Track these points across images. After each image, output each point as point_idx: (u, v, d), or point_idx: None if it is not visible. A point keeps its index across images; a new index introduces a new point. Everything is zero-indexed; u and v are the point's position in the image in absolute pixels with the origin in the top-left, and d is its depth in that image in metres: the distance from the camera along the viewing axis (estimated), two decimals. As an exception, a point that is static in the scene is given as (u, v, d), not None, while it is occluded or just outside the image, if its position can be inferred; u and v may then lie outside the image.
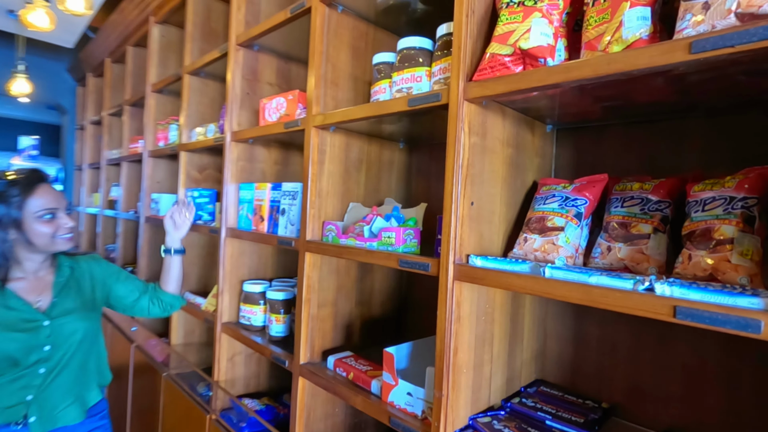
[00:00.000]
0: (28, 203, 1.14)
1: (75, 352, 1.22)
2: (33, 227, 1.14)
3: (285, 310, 1.43)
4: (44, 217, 1.16)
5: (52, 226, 1.18)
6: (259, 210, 1.50)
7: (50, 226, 1.17)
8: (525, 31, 0.76)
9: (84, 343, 1.25)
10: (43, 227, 1.15)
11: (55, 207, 1.18)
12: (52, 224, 1.18)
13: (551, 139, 1.11)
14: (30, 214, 1.14)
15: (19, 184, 1.13)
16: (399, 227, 1.05)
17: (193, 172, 2.03)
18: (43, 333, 1.17)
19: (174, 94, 2.43)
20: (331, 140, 1.26)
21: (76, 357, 1.23)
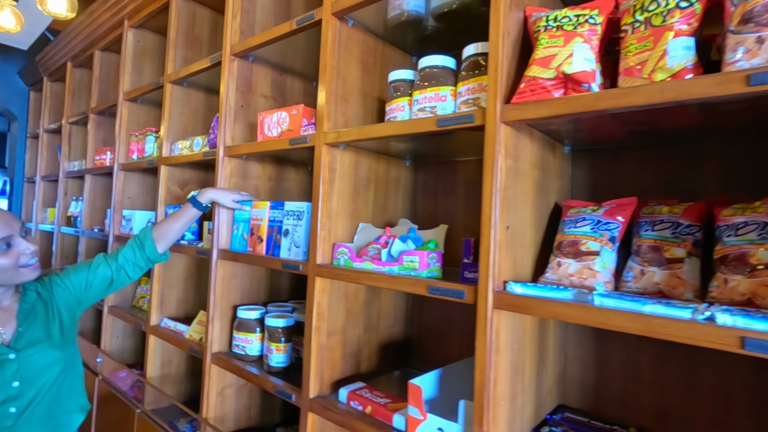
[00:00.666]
0: None
1: (53, 385, 1.09)
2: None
3: (286, 339, 1.35)
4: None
5: (11, 257, 1.04)
6: (257, 230, 1.41)
7: (8, 257, 1.04)
8: (567, 55, 0.75)
9: (63, 374, 1.11)
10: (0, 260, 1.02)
11: (8, 234, 1.04)
12: (9, 255, 1.04)
13: (568, 160, 1.11)
14: None
15: None
16: (421, 250, 1.01)
17: (174, 188, 1.90)
18: (9, 368, 1.03)
19: (150, 104, 2.29)
20: (341, 158, 1.20)
21: (54, 390, 1.09)
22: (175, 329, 1.76)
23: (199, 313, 1.71)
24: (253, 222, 1.42)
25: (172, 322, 1.80)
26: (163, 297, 1.86)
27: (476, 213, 1.33)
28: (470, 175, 1.35)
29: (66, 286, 1.21)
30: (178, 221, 1.36)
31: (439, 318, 1.39)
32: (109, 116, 2.61)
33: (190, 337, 1.66)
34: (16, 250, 1.05)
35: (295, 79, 1.72)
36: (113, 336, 2.30)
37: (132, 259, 1.30)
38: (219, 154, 1.51)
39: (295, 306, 1.55)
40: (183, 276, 1.94)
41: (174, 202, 1.89)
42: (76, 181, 2.94)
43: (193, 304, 1.97)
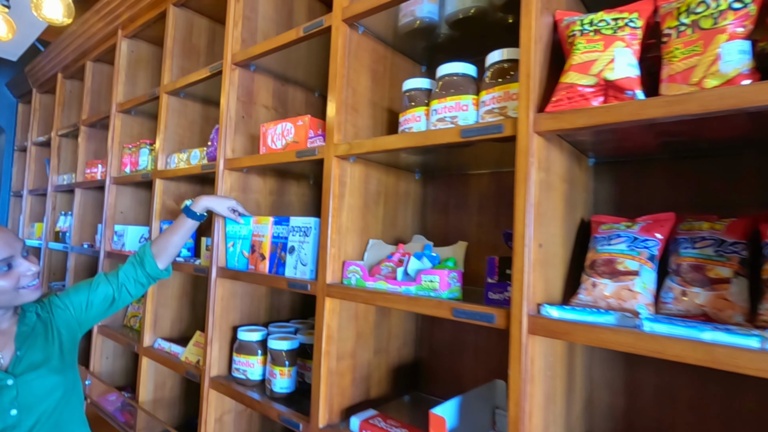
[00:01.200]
0: None
1: (53, 413, 1.00)
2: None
3: (290, 362, 1.26)
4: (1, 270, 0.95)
5: (12, 278, 0.98)
6: (259, 247, 1.33)
7: (9, 279, 0.97)
8: (608, 61, 0.69)
9: (64, 400, 1.03)
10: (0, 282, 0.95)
11: (9, 255, 0.98)
12: (10, 276, 0.98)
13: (592, 173, 1.06)
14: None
15: None
16: (440, 269, 0.94)
17: (170, 202, 1.81)
18: (7, 395, 0.95)
19: (144, 115, 2.21)
20: (351, 171, 1.14)
21: (55, 418, 1.01)
22: (170, 351, 1.66)
23: (196, 333, 1.62)
24: (255, 238, 1.35)
25: (166, 343, 1.70)
26: (156, 316, 1.77)
27: (491, 229, 1.28)
28: (484, 188, 1.29)
29: (66, 306, 1.14)
30: (175, 234, 1.29)
31: (451, 339, 1.32)
32: (100, 128, 2.53)
33: (186, 359, 1.57)
34: (17, 272, 0.99)
35: (297, 90, 1.66)
36: (103, 357, 2.18)
37: (133, 276, 1.23)
38: (219, 167, 1.44)
39: (297, 326, 1.47)
40: (178, 294, 1.85)
41: (169, 217, 1.81)
42: (65, 195, 2.84)
43: (188, 323, 1.88)
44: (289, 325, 1.48)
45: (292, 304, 1.67)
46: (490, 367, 1.23)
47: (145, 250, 1.27)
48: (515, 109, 0.84)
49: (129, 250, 1.98)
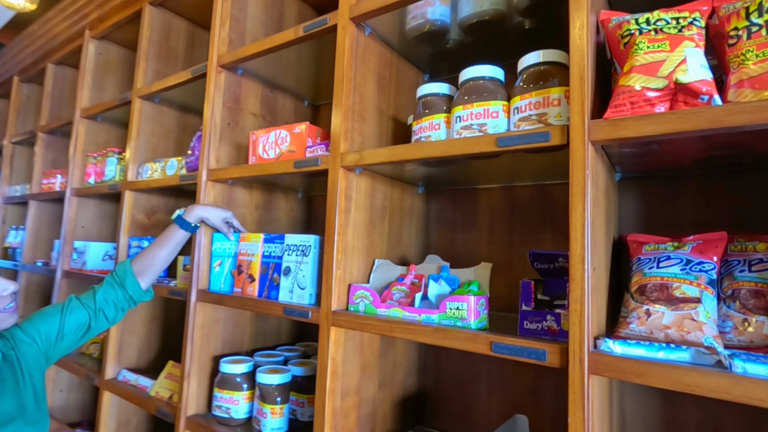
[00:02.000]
0: None
1: None
2: None
3: (282, 399, 1.11)
4: None
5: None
6: (248, 267, 1.18)
7: None
8: (680, 61, 0.62)
9: None
10: None
11: None
12: None
13: (616, 188, 0.99)
14: None
15: None
16: (465, 295, 0.83)
17: (140, 217, 1.63)
18: None
19: (112, 122, 2.02)
20: (358, 184, 1.02)
21: None
22: (137, 384, 1.46)
23: (168, 364, 1.43)
24: (242, 257, 1.20)
25: (132, 374, 1.50)
26: (121, 344, 1.56)
27: (504, 248, 1.19)
28: (495, 204, 1.20)
29: (33, 339, 0.95)
30: (163, 248, 1.13)
31: (460, 368, 1.20)
32: (61, 136, 2.30)
33: (157, 394, 1.37)
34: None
35: (287, 98, 1.54)
36: (56, 389, 1.93)
37: (113, 298, 1.07)
38: (201, 178, 1.28)
39: (287, 354, 1.31)
40: (146, 318, 1.65)
41: (139, 232, 1.62)
42: (17, 207, 2.57)
43: (158, 352, 1.68)
44: (277, 353, 1.32)
45: (279, 329, 1.51)
46: (505, 398, 1.12)
47: (125, 269, 1.10)
48: (557, 116, 0.75)
49: (91, 269, 1.77)
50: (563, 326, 0.76)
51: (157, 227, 1.68)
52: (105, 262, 1.82)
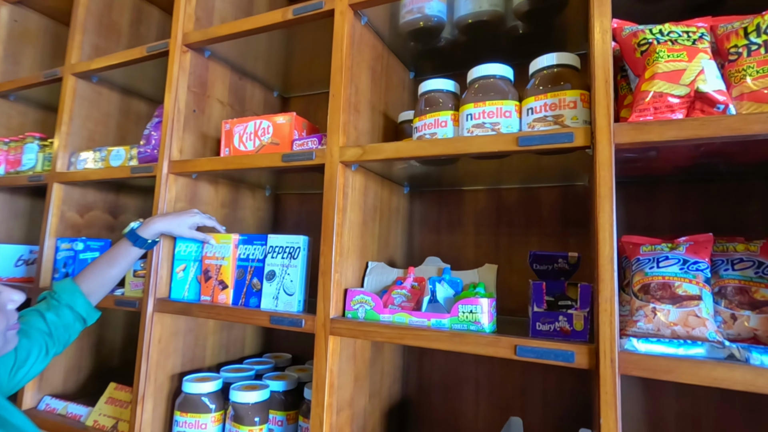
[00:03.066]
0: None
1: None
2: None
3: (261, 419, 1.00)
4: None
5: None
6: (218, 272, 1.06)
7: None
8: (698, 72, 0.65)
9: None
10: None
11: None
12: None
13: (604, 193, 1.04)
14: None
15: None
16: (477, 298, 0.81)
17: (71, 214, 1.40)
18: None
19: (29, 103, 1.73)
20: (353, 181, 0.96)
21: None
22: (66, 413, 1.24)
23: (109, 387, 1.24)
24: (209, 261, 1.07)
25: (59, 401, 1.27)
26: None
27: (490, 250, 1.19)
28: (481, 206, 1.20)
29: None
30: (113, 266, 0.99)
31: (444, 372, 1.18)
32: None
33: (96, 423, 1.18)
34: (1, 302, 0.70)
35: (256, 87, 1.43)
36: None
37: (60, 321, 0.90)
38: (161, 171, 1.13)
39: (256, 368, 1.20)
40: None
41: (69, 233, 1.39)
42: None
43: (90, 373, 1.45)
44: (246, 366, 1.20)
45: (243, 339, 1.38)
46: (492, 402, 1.12)
47: (70, 288, 0.95)
48: (574, 118, 0.76)
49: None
50: (576, 327, 0.77)
51: (91, 227, 1.45)
52: (18, 268, 1.54)
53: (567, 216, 1.10)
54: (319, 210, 1.44)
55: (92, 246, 1.33)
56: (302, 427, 1.03)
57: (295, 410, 1.09)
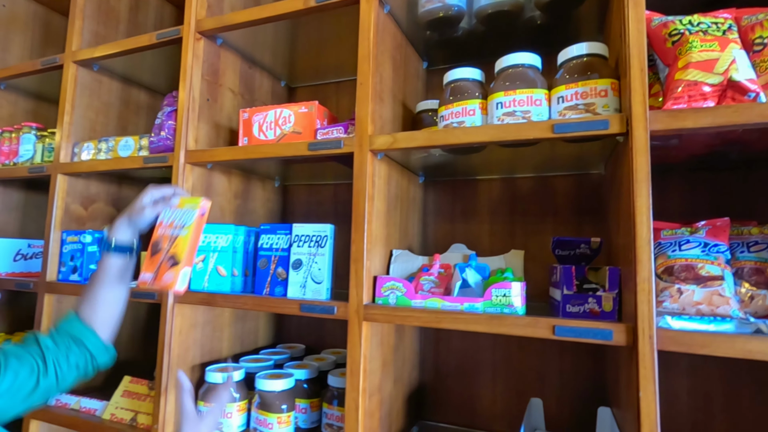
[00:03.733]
0: None
1: None
2: None
3: (289, 406, 1.01)
4: None
5: None
6: (170, 244, 1.05)
7: None
8: (731, 61, 0.68)
9: None
10: None
11: None
12: None
13: (618, 181, 1.08)
14: None
15: None
16: (512, 282, 0.83)
17: (75, 207, 1.36)
18: None
19: (19, 92, 1.67)
20: (379, 170, 0.97)
21: None
22: (80, 408, 1.22)
23: (124, 380, 1.22)
24: (161, 232, 1.06)
25: (70, 397, 1.25)
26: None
27: (504, 237, 1.22)
28: (495, 195, 1.23)
29: None
30: (103, 285, 0.85)
31: (460, 358, 1.21)
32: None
33: (113, 417, 1.16)
34: None
35: (264, 76, 1.41)
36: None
37: (65, 356, 0.79)
38: (178, 161, 1.11)
39: (274, 357, 1.20)
40: (83, 330, 1.38)
41: (74, 226, 1.35)
42: None
43: (97, 368, 1.41)
44: (264, 357, 1.20)
45: (257, 331, 1.37)
46: (510, 385, 1.15)
47: (72, 320, 0.84)
48: (605, 106, 0.78)
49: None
50: (605, 308, 0.80)
51: (95, 220, 1.41)
52: (17, 263, 1.49)
53: (581, 204, 1.14)
54: (327, 201, 1.45)
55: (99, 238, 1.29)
56: (327, 413, 1.04)
57: (317, 398, 1.10)
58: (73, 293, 1.24)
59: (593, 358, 1.08)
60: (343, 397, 1.02)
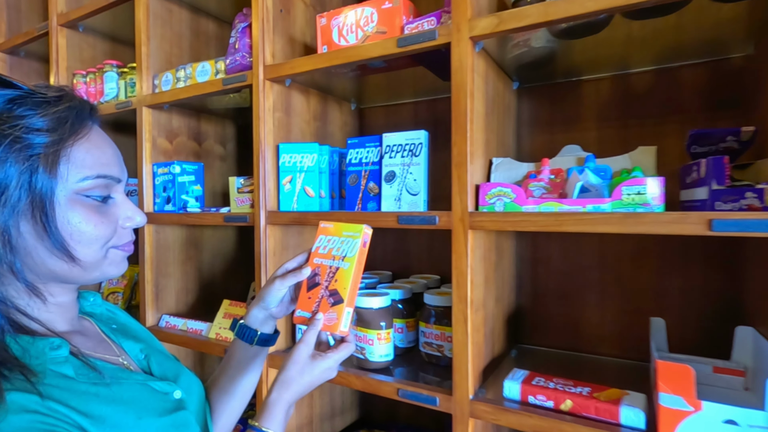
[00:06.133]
0: (72, 158, 0.50)
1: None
2: (68, 215, 0.50)
3: (387, 323, 0.99)
4: (92, 197, 0.52)
5: (109, 220, 0.53)
6: (323, 274, 1.01)
7: (106, 219, 0.53)
8: None
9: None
10: (86, 217, 0.51)
11: (116, 176, 0.54)
12: (107, 215, 0.53)
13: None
14: (71, 184, 0.50)
15: (55, 112, 0.49)
16: (647, 177, 0.71)
17: (161, 140, 1.39)
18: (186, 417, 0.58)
19: (96, 33, 1.69)
20: (477, 65, 0.85)
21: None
22: (187, 328, 1.30)
23: (224, 303, 1.27)
24: (317, 261, 1.02)
25: (177, 319, 1.33)
26: (158, 288, 1.37)
27: (616, 145, 1.06)
28: (603, 96, 1.06)
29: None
30: (242, 375, 0.72)
31: (563, 279, 1.12)
32: (27, 57, 1.92)
33: (218, 336, 1.22)
34: (116, 212, 0.54)
35: (334, -14, 1.30)
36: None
37: None
38: (258, 77, 1.06)
39: (365, 281, 1.18)
40: (181, 258, 1.45)
41: (162, 159, 1.38)
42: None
43: (196, 295, 1.50)
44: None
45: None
46: (620, 306, 1.05)
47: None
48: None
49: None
50: (767, 202, 0.66)
51: (180, 153, 1.44)
52: (115, 199, 1.58)
53: (716, 98, 0.95)
54: (405, 121, 1.36)
55: (188, 169, 1.32)
56: (425, 332, 1.01)
57: (413, 318, 1.08)
58: (170, 222, 1.28)
59: (725, 273, 0.94)
60: (441, 316, 0.98)
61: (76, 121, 0.51)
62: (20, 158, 0.47)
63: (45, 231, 0.48)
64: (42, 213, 0.48)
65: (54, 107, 0.50)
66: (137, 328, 0.70)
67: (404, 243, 1.36)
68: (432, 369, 0.99)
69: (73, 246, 0.50)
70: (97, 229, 0.52)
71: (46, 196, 0.48)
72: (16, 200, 0.47)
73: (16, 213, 0.47)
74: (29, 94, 0.50)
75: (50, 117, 0.49)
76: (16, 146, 0.47)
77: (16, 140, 0.47)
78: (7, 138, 0.47)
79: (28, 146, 0.47)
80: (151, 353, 0.63)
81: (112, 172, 0.53)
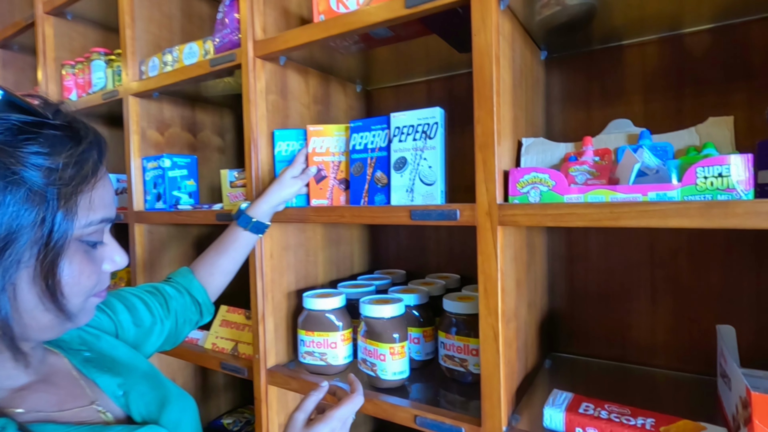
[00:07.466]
0: (82, 201, 0.44)
1: None
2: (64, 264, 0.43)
3: (401, 336, 0.85)
4: (87, 242, 0.46)
5: (94, 266, 0.46)
6: (336, 170, 0.88)
7: (91, 266, 0.46)
8: None
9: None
10: (80, 266, 0.45)
11: (110, 218, 0.48)
12: (94, 261, 0.47)
13: None
14: (76, 230, 0.43)
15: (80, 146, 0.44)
16: (730, 155, 0.55)
17: (151, 132, 1.27)
18: None
19: (86, 21, 1.58)
20: (503, 26, 0.70)
21: None
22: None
23: (221, 309, 1.16)
24: (319, 159, 0.89)
25: (173, 328, 1.22)
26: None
27: (668, 119, 0.88)
28: (651, 63, 0.90)
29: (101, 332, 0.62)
30: (222, 254, 0.84)
31: (605, 279, 0.97)
32: (19, 51, 1.83)
33: (214, 346, 1.11)
34: (101, 255, 0.48)
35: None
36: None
37: (178, 296, 0.78)
38: (247, 54, 0.93)
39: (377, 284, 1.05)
40: (178, 260, 1.35)
41: (153, 152, 1.27)
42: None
43: (196, 298, 1.39)
44: (364, 282, 1.06)
45: (351, 256, 1.23)
46: (678, 311, 0.89)
47: (185, 274, 0.83)
48: None
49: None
50: None
51: (173, 146, 1.32)
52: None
53: (795, 57, 0.78)
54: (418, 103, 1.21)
55: (179, 162, 1.20)
56: (445, 343, 0.87)
57: (431, 326, 0.94)
58: (161, 221, 1.17)
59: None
60: (463, 325, 0.85)
61: (98, 159, 0.45)
62: (35, 201, 0.40)
63: (46, 283, 0.41)
64: (51, 263, 0.41)
65: (75, 146, 0.43)
66: (117, 354, 0.59)
67: (420, 238, 1.22)
68: (455, 386, 0.85)
69: (67, 297, 0.43)
70: (89, 279, 0.45)
71: (59, 244, 0.41)
72: (23, 251, 0.39)
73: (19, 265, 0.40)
74: (40, 122, 0.41)
75: (73, 157, 0.42)
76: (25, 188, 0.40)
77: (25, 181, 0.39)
78: (13, 177, 0.39)
79: (44, 188, 0.40)
80: (132, 386, 0.55)
81: (112, 213, 0.47)
